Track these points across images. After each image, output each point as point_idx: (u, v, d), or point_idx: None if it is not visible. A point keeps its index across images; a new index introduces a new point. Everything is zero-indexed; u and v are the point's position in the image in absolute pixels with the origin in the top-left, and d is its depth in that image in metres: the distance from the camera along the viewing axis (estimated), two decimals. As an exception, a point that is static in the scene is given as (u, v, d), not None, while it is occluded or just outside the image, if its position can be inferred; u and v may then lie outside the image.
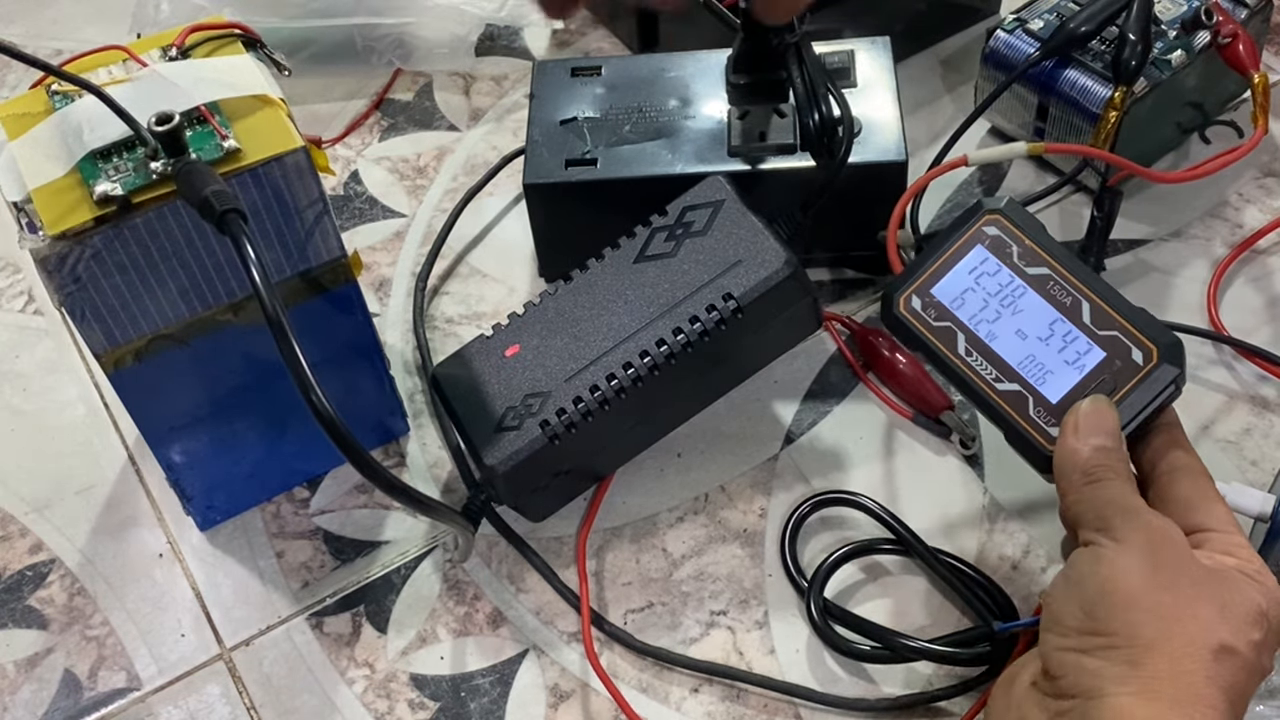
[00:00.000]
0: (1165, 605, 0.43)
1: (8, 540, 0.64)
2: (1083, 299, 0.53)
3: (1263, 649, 0.44)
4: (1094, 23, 0.69)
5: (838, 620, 0.57)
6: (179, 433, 0.59)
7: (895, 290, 0.56)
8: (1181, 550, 0.46)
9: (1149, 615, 0.43)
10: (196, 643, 0.60)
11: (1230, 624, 0.43)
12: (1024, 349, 0.53)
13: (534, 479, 0.58)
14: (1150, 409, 0.51)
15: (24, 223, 0.50)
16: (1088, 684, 0.43)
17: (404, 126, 0.82)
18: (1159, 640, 0.42)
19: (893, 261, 0.60)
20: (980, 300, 0.54)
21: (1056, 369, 0.52)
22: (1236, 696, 0.42)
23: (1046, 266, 0.54)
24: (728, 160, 0.65)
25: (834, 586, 0.59)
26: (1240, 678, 0.42)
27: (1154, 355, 0.52)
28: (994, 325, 0.54)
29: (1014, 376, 0.53)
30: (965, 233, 0.55)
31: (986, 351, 0.53)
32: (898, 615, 0.58)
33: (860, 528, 0.60)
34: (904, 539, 0.59)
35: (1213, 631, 0.42)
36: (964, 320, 0.54)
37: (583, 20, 0.88)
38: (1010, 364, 0.53)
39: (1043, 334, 0.53)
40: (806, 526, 0.61)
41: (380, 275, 0.73)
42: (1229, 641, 0.43)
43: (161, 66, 0.54)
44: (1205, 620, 0.43)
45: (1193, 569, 0.45)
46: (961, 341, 0.54)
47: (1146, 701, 0.41)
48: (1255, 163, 0.74)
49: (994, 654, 0.55)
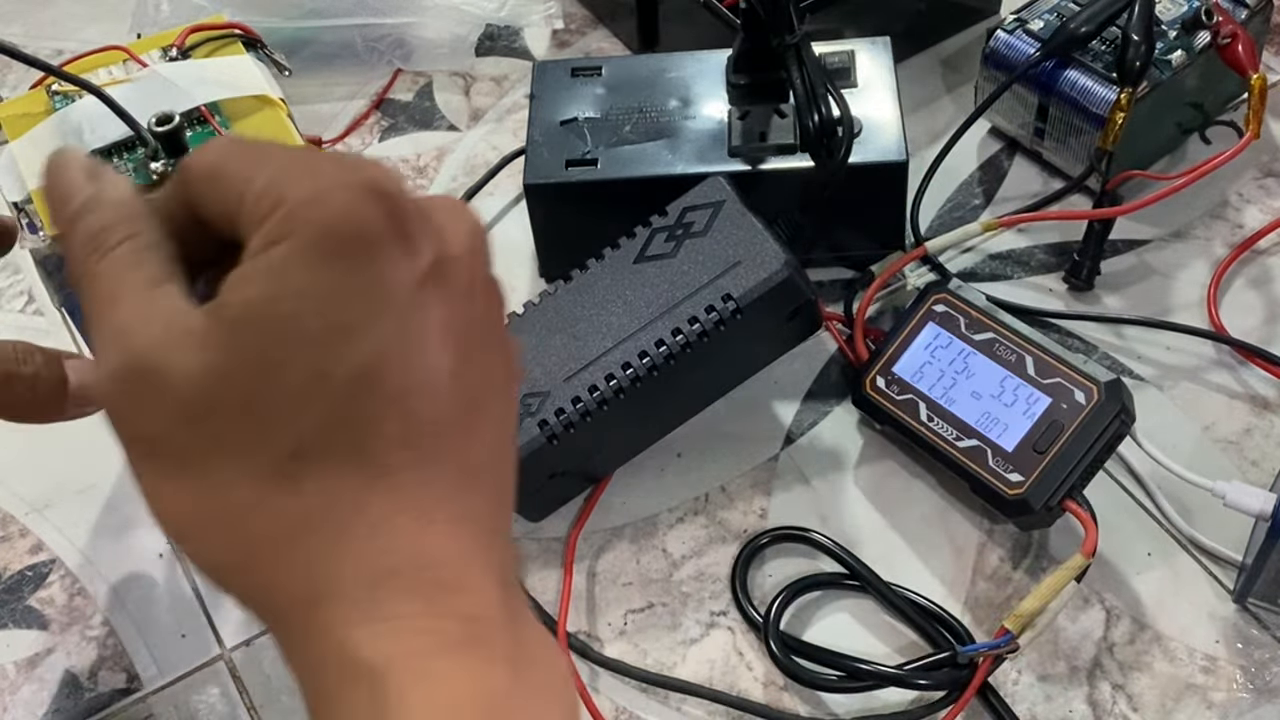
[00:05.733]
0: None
1: (8, 540, 0.64)
2: (1026, 354, 0.59)
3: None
4: (1094, 23, 0.69)
5: (798, 652, 0.56)
6: (179, 433, 0.59)
7: (863, 374, 0.62)
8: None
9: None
10: (196, 643, 0.60)
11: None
12: (979, 407, 0.59)
13: (532, 479, 0.58)
14: (1100, 442, 0.56)
15: (24, 223, 0.50)
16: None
17: (404, 126, 0.82)
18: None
19: (859, 352, 0.65)
20: (937, 371, 0.60)
21: (1010, 420, 0.58)
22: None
23: (992, 331, 0.60)
24: (728, 160, 0.65)
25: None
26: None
27: (1095, 394, 0.57)
28: (951, 391, 0.59)
29: (972, 433, 0.58)
30: (918, 314, 0.62)
31: (946, 415, 0.59)
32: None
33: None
34: (858, 574, 0.58)
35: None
36: (924, 390, 0.60)
37: (583, 20, 0.88)
38: (968, 422, 0.59)
39: (994, 391, 0.59)
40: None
41: (380, 275, 0.73)
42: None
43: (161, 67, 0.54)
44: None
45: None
46: (923, 409, 0.60)
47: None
48: (1255, 163, 0.74)
49: (958, 678, 0.54)
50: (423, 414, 0.28)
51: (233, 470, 0.28)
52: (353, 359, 0.27)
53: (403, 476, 0.28)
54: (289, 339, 0.27)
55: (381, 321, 0.27)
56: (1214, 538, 0.59)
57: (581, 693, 0.56)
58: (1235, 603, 0.58)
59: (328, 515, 0.28)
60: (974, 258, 0.71)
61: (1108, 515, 0.59)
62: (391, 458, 0.28)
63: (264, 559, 0.28)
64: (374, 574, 0.28)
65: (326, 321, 0.27)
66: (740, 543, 0.61)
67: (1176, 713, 0.55)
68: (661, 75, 0.70)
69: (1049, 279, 0.70)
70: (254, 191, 0.28)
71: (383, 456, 0.28)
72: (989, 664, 0.54)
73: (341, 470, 0.28)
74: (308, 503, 0.28)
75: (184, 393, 0.27)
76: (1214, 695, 0.55)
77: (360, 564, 0.28)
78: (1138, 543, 0.60)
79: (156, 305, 0.28)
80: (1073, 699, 0.55)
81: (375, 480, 0.28)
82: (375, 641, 0.27)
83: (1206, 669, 0.56)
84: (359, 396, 0.27)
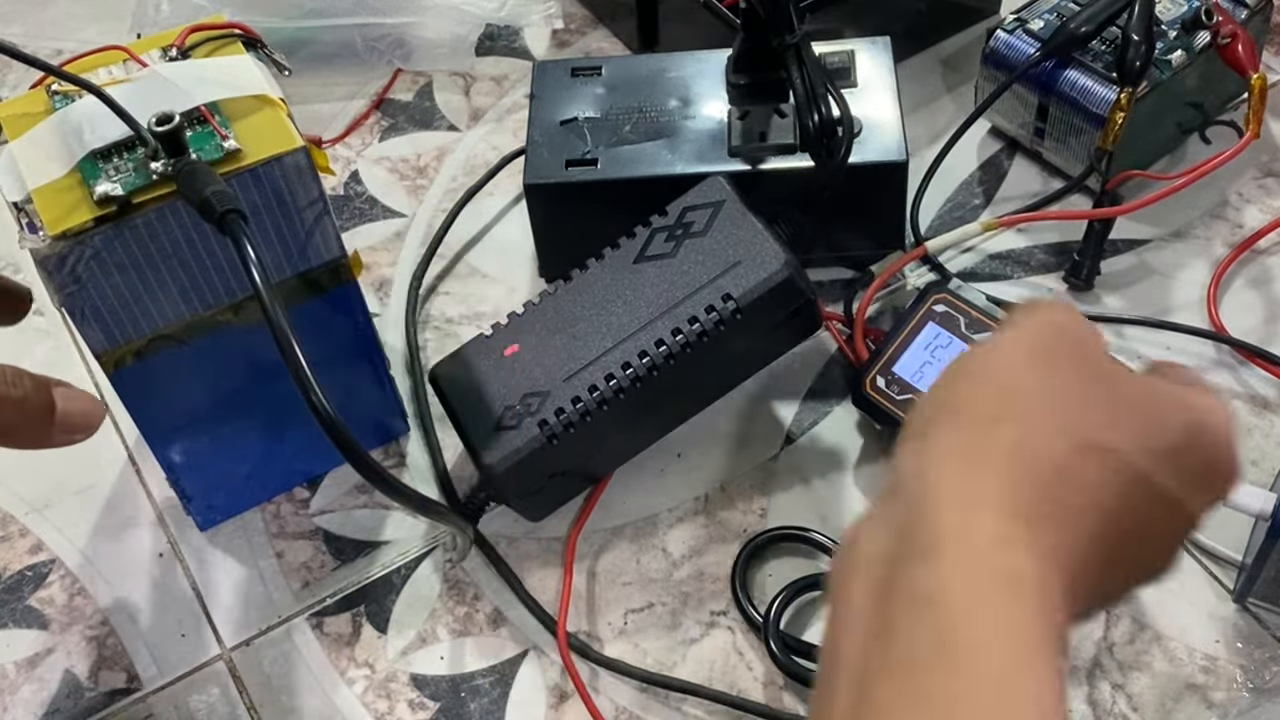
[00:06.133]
0: (1029, 385, 0.34)
1: (8, 540, 0.64)
2: None
3: (1174, 475, 0.34)
4: (1094, 23, 0.69)
5: (797, 652, 0.56)
6: (179, 433, 0.59)
7: (863, 374, 0.62)
8: (1080, 343, 0.36)
9: (1002, 389, 0.34)
10: (196, 643, 0.60)
11: (1123, 431, 0.34)
12: None
13: (532, 478, 0.58)
14: None
15: (24, 223, 0.50)
16: (912, 459, 0.34)
17: (404, 126, 0.82)
18: (1007, 415, 0.33)
19: (859, 352, 0.65)
20: (937, 371, 0.58)
21: None
22: (1107, 507, 0.33)
23: (991, 330, 0.59)
24: (728, 160, 0.65)
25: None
26: (1118, 486, 0.33)
27: None
28: None
29: None
30: (918, 314, 0.61)
31: None
32: None
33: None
34: None
35: (1089, 426, 0.33)
36: (924, 390, 0.58)
37: (583, 20, 0.88)
38: None
39: None
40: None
41: (380, 275, 0.73)
42: (1113, 443, 0.33)
43: (161, 66, 0.54)
44: (1081, 412, 0.34)
45: (1092, 365, 0.35)
46: None
47: (966, 464, 0.32)
48: (1255, 162, 0.74)
49: None
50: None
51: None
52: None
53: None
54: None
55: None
56: (1214, 538, 0.59)
57: (581, 693, 0.56)
58: (1235, 603, 0.58)
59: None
60: (974, 258, 0.71)
61: (1108, 515, 0.59)
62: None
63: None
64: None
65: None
66: (740, 543, 0.61)
67: (1176, 712, 0.55)
68: (661, 75, 0.70)
69: (1049, 279, 0.70)
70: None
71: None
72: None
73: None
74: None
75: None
76: (1214, 695, 0.55)
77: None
78: (1138, 543, 0.60)
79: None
80: (1073, 699, 0.55)
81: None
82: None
83: (1206, 669, 0.56)
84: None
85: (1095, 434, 0.33)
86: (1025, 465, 0.32)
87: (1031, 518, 0.32)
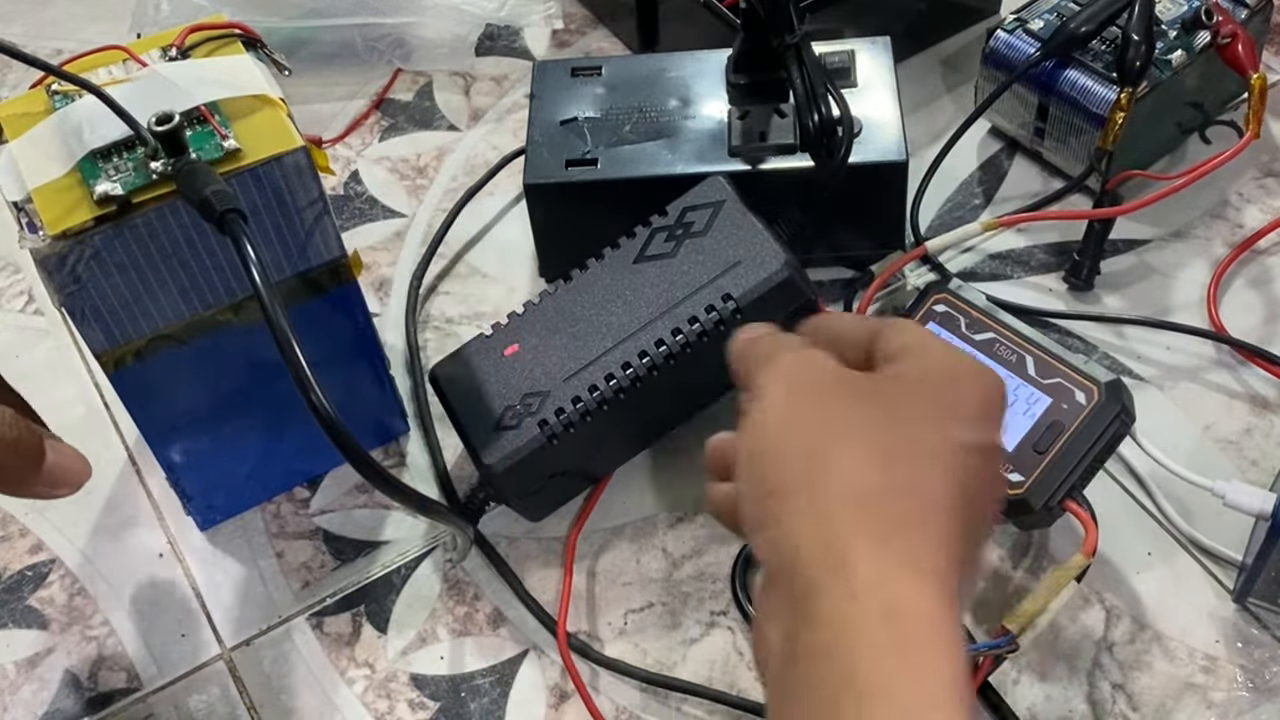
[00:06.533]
0: (817, 437, 0.38)
1: (8, 540, 0.64)
2: (1026, 354, 0.59)
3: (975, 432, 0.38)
4: (1094, 23, 0.69)
5: None
6: (179, 433, 0.59)
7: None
8: (825, 385, 0.39)
9: (799, 452, 0.37)
10: (196, 643, 0.60)
11: (908, 420, 0.37)
12: None
13: (532, 478, 0.58)
14: (1100, 443, 0.56)
15: (24, 223, 0.50)
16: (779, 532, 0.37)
17: (404, 126, 0.82)
18: (817, 471, 0.37)
19: None
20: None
21: (1010, 420, 0.57)
22: (941, 488, 0.36)
23: (992, 331, 0.60)
24: (728, 160, 0.65)
25: None
26: (939, 465, 0.37)
27: (1095, 394, 0.57)
28: None
29: None
30: (918, 314, 0.61)
31: None
32: None
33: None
34: None
35: (884, 436, 0.37)
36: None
37: (583, 20, 0.88)
38: None
39: None
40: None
41: (380, 275, 0.73)
42: (912, 435, 0.37)
43: (161, 66, 0.54)
44: (871, 429, 0.37)
45: (848, 385, 0.39)
46: None
47: (815, 528, 0.36)
48: (1255, 162, 0.74)
49: None
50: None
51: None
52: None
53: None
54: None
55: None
56: (1214, 538, 0.59)
57: (581, 693, 0.56)
58: (1235, 603, 0.58)
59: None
60: (974, 258, 0.71)
61: (1108, 515, 0.59)
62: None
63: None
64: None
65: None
66: (740, 543, 0.61)
67: (1176, 712, 0.55)
68: (661, 75, 0.70)
69: (1049, 279, 0.70)
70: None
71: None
72: (989, 664, 0.54)
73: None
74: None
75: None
76: (1214, 695, 0.55)
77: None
78: (1138, 543, 0.60)
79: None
80: (1073, 699, 0.55)
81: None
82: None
83: (1206, 669, 0.56)
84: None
85: (892, 438, 0.37)
86: (859, 501, 0.35)
87: (892, 541, 0.35)
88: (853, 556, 0.34)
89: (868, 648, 0.33)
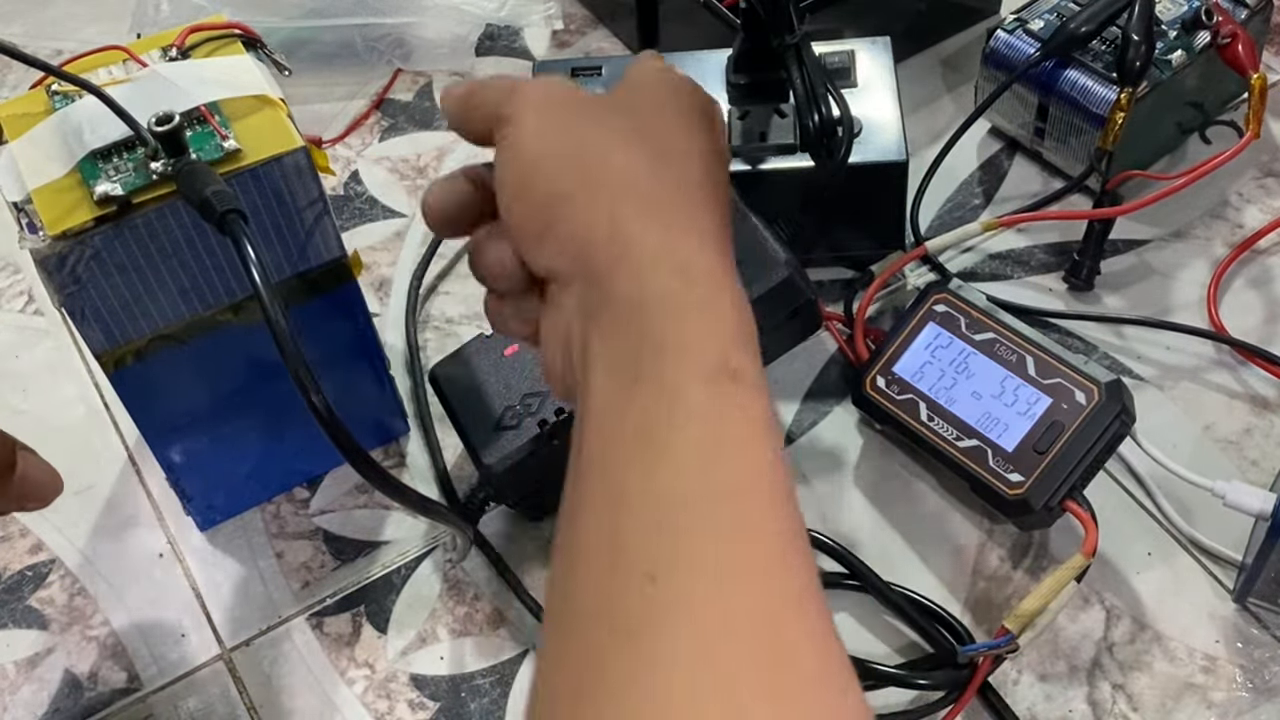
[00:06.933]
0: (579, 152, 0.40)
1: (8, 540, 0.64)
2: (1026, 354, 0.59)
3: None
4: (1094, 23, 0.69)
5: None
6: (179, 433, 0.59)
7: (863, 374, 0.62)
8: (576, 102, 0.42)
9: (565, 166, 0.40)
10: (196, 643, 0.60)
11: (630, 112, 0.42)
12: (980, 408, 0.58)
13: (532, 478, 0.58)
14: (1100, 443, 0.56)
15: (24, 223, 0.50)
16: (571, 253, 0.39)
17: (404, 126, 0.82)
18: (578, 186, 0.39)
19: (859, 352, 0.65)
20: (938, 371, 0.60)
21: (1010, 420, 0.58)
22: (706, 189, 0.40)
23: (992, 331, 0.60)
24: (728, 160, 0.65)
25: None
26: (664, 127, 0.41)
27: (1095, 394, 0.57)
28: (951, 391, 0.59)
29: (973, 433, 0.58)
30: (919, 314, 0.61)
31: (947, 415, 0.59)
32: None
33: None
34: (858, 574, 0.58)
35: (633, 169, 0.40)
36: (924, 390, 0.60)
37: (583, 20, 0.88)
38: (969, 423, 0.58)
39: (995, 391, 0.58)
40: None
41: (380, 275, 0.73)
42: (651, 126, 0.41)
43: (161, 66, 0.54)
44: (623, 161, 0.40)
45: (597, 119, 0.42)
46: (924, 409, 0.60)
47: (611, 221, 0.38)
48: (1255, 162, 0.74)
49: (958, 677, 0.54)
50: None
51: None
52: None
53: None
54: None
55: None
56: (1214, 538, 0.59)
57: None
58: (1235, 603, 0.58)
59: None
60: (974, 258, 0.71)
61: (1108, 515, 0.59)
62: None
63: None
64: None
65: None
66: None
67: (1176, 712, 0.55)
68: (661, 75, 0.70)
69: (1049, 279, 0.70)
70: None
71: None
72: (989, 664, 0.54)
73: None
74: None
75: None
76: (1214, 695, 0.55)
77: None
78: (1138, 543, 0.60)
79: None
80: (1073, 699, 0.55)
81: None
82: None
83: (1206, 669, 0.56)
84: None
85: (652, 142, 0.40)
86: (637, 192, 0.39)
87: (673, 220, 0.38)
88: (640, 235, 0.37)
89: (667, 304, 0.36)
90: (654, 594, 0.31)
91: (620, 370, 0.36)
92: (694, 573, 0.31)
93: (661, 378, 0.35)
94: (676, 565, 0.31)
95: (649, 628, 0.31)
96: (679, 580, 0.31)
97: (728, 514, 0.33)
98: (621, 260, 0.37)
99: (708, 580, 0.31)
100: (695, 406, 0.34)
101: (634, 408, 0.35)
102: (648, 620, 0.31)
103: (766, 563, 0.32)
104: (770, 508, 0.33)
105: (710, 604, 0.31)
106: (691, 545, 0.32)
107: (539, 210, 0.40)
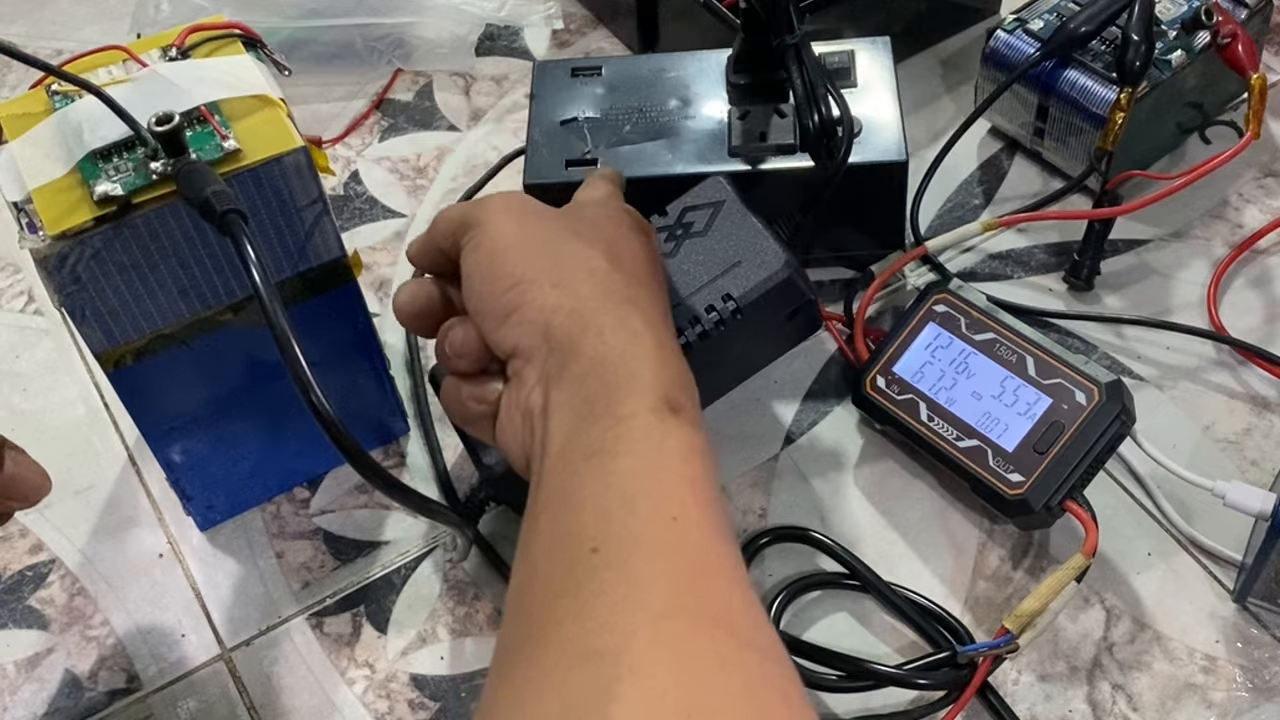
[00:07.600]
0: (545, 244, 0.47)
1: (8, 540, 0.64)
2: (1026, 354, 0.59)
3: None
4: (1094, 23, 0.69)
5: (797, 652, 0.56)
6: (179, 433, 0.59)
7: (863, 374, 0.62)
8: (536, 209, 0.50)
9: (532, 255, 0.47)
10: (196, 643, 0.60)
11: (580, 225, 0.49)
12: (980, 408, 0.59)
13: (534, 479, 0.58)
14: (1100, 443, 0.56)
15: (24, 223, 0.50)
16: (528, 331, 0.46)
17: (404, 126, 0.82)
18: (544, 272, 0.46)
19: (859, 352, 0.65)
20: (937, 371, 0.60)
21: (1010, 421, 0.58)
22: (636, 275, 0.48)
23: (992, 331, 0.60)
24: (728, 160, 0.65)
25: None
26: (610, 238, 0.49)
27: (1095, 395, 0.57)
28: (951, 391, 0.60)
29: (973, 433, 0.58)
30: (919, 314, 0.61)
31: (947, 415, 0.59)
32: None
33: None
34: (858, 574, 0.59)
35: (592, 259, 0.47)
36: (924, 390, 0.60)
37: (583, 20, 0.88)
38: (969, 423, 0.59)
39: (995, 391, 0.59)
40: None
41: (380, 275, 0.73)
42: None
43: (161, 67, 0.54)
44: (584, 253, 0.47)
45: (556, 222, 0.49)
46: (924, 409, 0.60)
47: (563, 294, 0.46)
48: (1255, 162, 0.74)
49: (957, 677, 0.54)
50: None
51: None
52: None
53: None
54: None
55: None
56: (1214, 538, 0.59)
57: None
58: (1235, 603, 0.58)
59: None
60: (974, 258, 0.71)
61: (1108, 515, 0.59)
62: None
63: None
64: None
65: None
66: (740, 542, 0.60)
67: (1176, 712, 0.55)
68: (661, 75, 0.70)
69: (1049, 279, 0.70)
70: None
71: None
72: (989, 664, 0.54)
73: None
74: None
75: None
76: (1214, 695, 0.55)
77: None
78: (1138, 543, 0.60)
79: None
80: (1073, 699, 0.55)
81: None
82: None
83: (1206, 669, 0.56)
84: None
85: (608, 244, 0.48)
86: (596, 278, 0.46)
87: (624, 301, 0.46)
88: (599, 311, 0.45)
89: (624, 356, 0.43)
90: (595, 559, 0.38)
91: (579, 411, 0.43)
92: (632, 544, 0.38)
93: (615, 410, 0.42)
94: (618, 540, 0.38)
95: (591, 580, 0.37)
96: (617, 548, 0.38)
97: (664, 508, 0.39)
98: (585, 331, 0.44)
99: (643, 549, 0.38)
100: (640, 428, 0.41)
101: (589, 436, 0.42)
102: (590, 574, 0.37)
103: (697, 540, 0.39)
104: (701, 506, 0.40)
105: (643, 561, 0.38)
106: (630, 527, 0.39)
107: (506, 293, 0.46)
